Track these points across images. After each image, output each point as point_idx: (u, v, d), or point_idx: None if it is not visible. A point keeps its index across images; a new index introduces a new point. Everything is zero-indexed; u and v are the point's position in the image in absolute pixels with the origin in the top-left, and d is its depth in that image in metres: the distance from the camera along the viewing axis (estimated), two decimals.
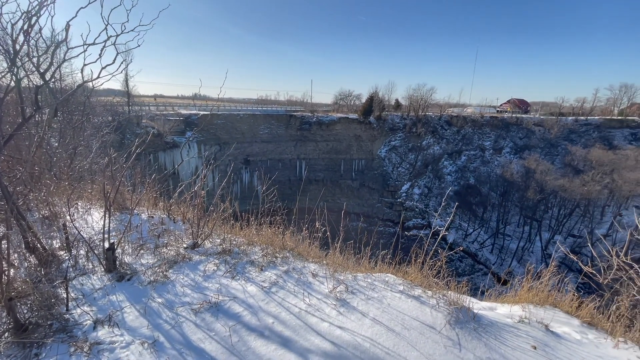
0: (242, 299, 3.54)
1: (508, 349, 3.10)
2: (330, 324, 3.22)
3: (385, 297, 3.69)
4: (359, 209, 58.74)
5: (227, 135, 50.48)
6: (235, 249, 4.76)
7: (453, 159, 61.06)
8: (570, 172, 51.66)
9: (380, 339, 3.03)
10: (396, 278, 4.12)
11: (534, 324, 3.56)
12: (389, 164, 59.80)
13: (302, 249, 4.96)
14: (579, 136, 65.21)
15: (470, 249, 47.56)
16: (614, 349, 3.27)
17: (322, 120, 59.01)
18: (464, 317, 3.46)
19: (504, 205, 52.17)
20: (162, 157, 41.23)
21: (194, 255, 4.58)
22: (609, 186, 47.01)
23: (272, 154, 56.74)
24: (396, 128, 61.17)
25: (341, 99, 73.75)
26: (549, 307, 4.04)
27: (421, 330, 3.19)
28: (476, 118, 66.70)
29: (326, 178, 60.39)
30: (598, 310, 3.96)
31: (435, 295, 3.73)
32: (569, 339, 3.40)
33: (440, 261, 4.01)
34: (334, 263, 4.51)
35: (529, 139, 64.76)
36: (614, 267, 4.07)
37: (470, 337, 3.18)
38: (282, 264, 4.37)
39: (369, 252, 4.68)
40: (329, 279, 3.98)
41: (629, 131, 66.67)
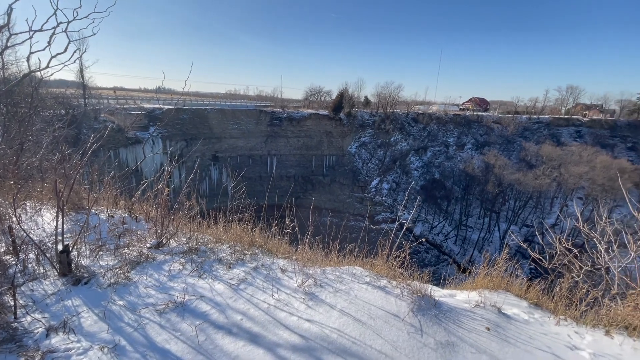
0: (209, 297, 3.49)
1: (465, 332, 3.33)
2: (299, 317, 3.27)
3: (353, 289, 3.80)
4: (330, 205, 59.30)
5: (195, 131, 48.67)
6: (202, 247, 4.66)
7: (419, 155, 63.40)
8: (525, 166, 55.65)
9: (347, 330, 3.13)
10: (363, 270, 4.26)
11: (488, 307, 3.84)
12: (359, 160, 60.85)
13: (271, 245, 4.96)
14: (532, 133, 70.31)
15: (436, 240, 49.86)
16: (556, 325, 3.62)
17: (293, 116, 58.69)
18: (426, 304, 3.66)
19: (466, 198, 55.15)
20: (124, 153, 38.93)
21: (159, 254, 4.43)
22: (557, 179, 51.27)
23: (242, 150, 55.58)
24: (366, 125, 62.31)
25: (312, 95, 73.75)
26: (501, 291, 4.37)
27: (386, 318, 3.33)
28: (441, 115, 69.64)
29: (297, 174, 60.30)
30: (543, 292, 4.36)
31: (399, 285, 3.91)
32: (518, 319, 3.72)
33: (404, 252, 4.19)
34: (303, 258, 4.56)
35: (489, 136, 68.75)
36: (557, 253, 4.50)
37: (432, 323, 3.38)
38: (250, 260, 4.35)
39: (337, 246, 4.78)
40: (298, 273, 4.02)
41: (574, 129, 73.04)
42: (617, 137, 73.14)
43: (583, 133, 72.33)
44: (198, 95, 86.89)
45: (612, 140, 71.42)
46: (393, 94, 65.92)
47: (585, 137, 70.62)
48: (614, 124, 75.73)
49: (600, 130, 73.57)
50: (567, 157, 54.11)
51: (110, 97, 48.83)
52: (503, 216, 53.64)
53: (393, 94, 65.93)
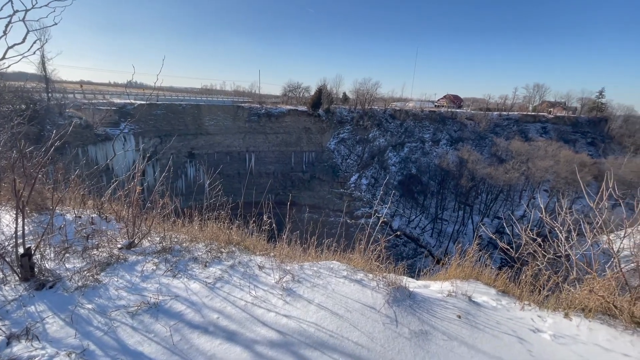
0: (184, 297, 3.42)
1: (437, 320, 3.46)
2: (277, 313, 3.27)
3: (330, 283, 3.85)
4: (310, 201, 59.31)
5: (169, 127, 47.03)
6: (177, 246, 4.55)
7: (397, 151, 64.63)
8: (496, 161, 58.16)
9: (324, 323, 3.17)
10: (340, 264, 4.32)
11: (460, 296, 4.01)
12: (338, 156, 61.20)
13: (249, 243, 4.92)
14: (502, 129, 73.48)
15: (413, 234, 51.23)
16: (521, 311, 3.84)
17: (272, 112, 58.02)
18: (401, 295, 3.77)
19: (441, 192, 56.94)
20: (93, 151, 37.03)
21: (130, 255, 4.28)
22: (525, 173, 54.00)
23: (219, 147, 54.37)
24: (344, 121, 62.67)
25: (290, 91, 73.09)
26: (472, 280, 4.58)
27: (362, 311, 3.40)
28: (417, 112, 71.25)
29: (277, 171, 59.84)
30: (510, 279, 4.60)
31: (375, 278, 4.00)
32: (487, 306, 3.91)
33: (380, 246, 4.29)
34: (281, 255, 4.56)
35: (462, 132, 71.16)
36: (523, 243, 4.76)
37: (406, 313, 3.49)
38: (227, 258, 4.30)
39: (315, 242, 4.81)
40: (276, 270, 4.02)
41: (540, 125, 77.08)
42: (579, 132, 77.94)
43: (548, 129, 76.47)
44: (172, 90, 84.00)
45: (574, 135, 76.01)
46: (371, 90, 66.67)
47: (550, 133, 74.73)
48: (576, 121, 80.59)
49: (563, 126, 78.10)
50: (534, 151, 57.07)
51: (77, 91, 46.09)
52: (476, 209, 55.89)
53: (371, 91, 66.68)
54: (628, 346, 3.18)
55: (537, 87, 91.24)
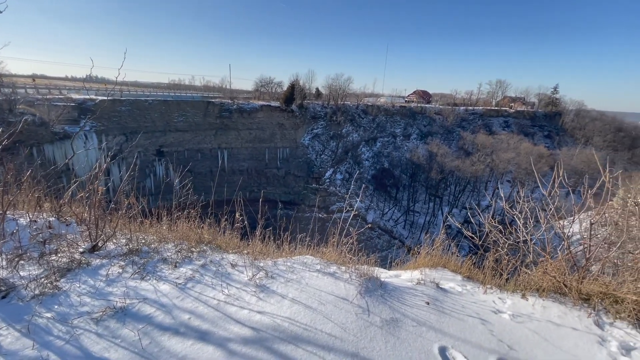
0: (153, 299, 3.31)
1: (407, 308, 3.61)
2: (250, 310, 3.26)
3: (304, 278, 3.89)
4: (285, 197, 59.08)
5: (135, 124, 44.74)
6: (145, 247, 4.38)
7: (369, 146, 65.74)
8: (463, 154, 60.80)
9: (298, 317, 3.21)
10: (314, 259, 4.37)
11: (428, 283, 4.20)
12: (312, 152, 61.24)
13: (221, 241, 4.83)
14: (468, 123, 76.85)
15: (387, 226, 52.55)
16: (484, 294, 4.09)
17: (244, 107, 56.79)
18: (372, 286, 3.89)
19: (413, 185, 58.77)
20: (50, 150, 34.51)
21: (94, 259, 4.06)
22: (490, 165, 56.97)
23: (190, 144, 52.54)
24: (318, 116, 62.71)
25: (262, 86, 71.83)
26: (440, 268, 4.81)
27: (335, 303, 3.48)
28: (388, 107, 72.74)
29: (251, 167, 58.86)
30: (475, 265, 4.88)
31: (348, 270, 4.09)
32: (453, 292, 4.13)
33: (352, 239, 4.38)
34: (254, 252, 4.53)
35: (432, 126, 73.63)
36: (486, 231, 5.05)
37: (378, 303, 3.60)
38: (198, 258, 4.21)
39: (289, 238, 4.82)
40: (249, 267, 3.99)
41: (503, 119, 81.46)
42: (537, 126, 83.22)
43: (510, 123, 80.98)
44: (137, 86, 79.82)
45: (532, 129, 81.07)
46: (343, 86, 67.11)
47: (512, 127, 79.20)
48: (534, 115, 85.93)
49: (523, 120, 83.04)
50: (498, 144, 60.29)
51: (29, 85, 42.58)
52: (446, 200, 58.26)
53: (343, 86, 67.13)
54: (576, 321, 3.49)
55: (499, 83, 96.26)
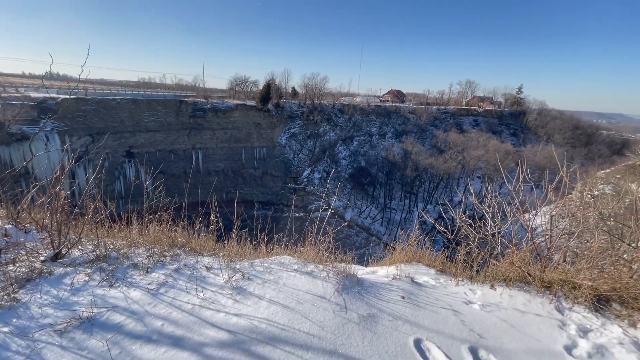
0: (123, 307, 3.18)
1: (383, 303, 3.69)
2: (227, 313, 3.21)
3: (281, 278, 3.87)
4: (263, 197, 58.43)
5: (102, 124, 42.48)
6: (114, 253, 4.19)
7: (346, 145, 66.36)
8: (436, 152, 62.84)
9: (276, 318, 3.19)
10: (291, 258, 4.36)
11: (403, 278, 4.31)
12: (289, 151, 60.93)
13: (195, 244, 4.71)
14: (441, 122, 79.47)
15: (365, 224, 53.33)
16: (456, 286, 4.26)
17: (218, 107, 55.47)
18: (350, 283, 3.94)
19: (389, 183, 60.00)
20: (6, 152, 32.11)
21: (57, 267, 3.83)
22: (461, 162, 59.25)
23: (162, 145, 50.63)
24: (294, 116, 62.48)
25: (237, 85, 70.49)
26: (415, 263, 4.95)
27: (313, 301, 3.49)
28: (364, 107, 73.77)
29: (227, 168, 57.66)
30: (448, 259, 5.06)
31: (325, 269, 4.11)
32: (427, 285, 4.27)
33: (328, 237, 4.41)
34: (230, 254, 4.46)
35: (406, 125, 75.46)
36: (458, 225, 5.25)
37: (355, 299, 3.65)
38: (172, 262, 4.07)
39: (265, 238, 4.78)
40: (225, 269, 3.92)
41: (473, 118, 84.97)
42: (504, 124, 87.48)
43: (479, 121, 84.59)
44: (104, 84, 75.96)
45: (499, 127, 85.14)
46: (319, 85, 67.21)
47: (481, 125, 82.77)
48: (501, 114, 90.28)
49: (491, 119, 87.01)
50: (468, 142, 62.80)
51: None
52: (420, 197, 59.97)
53: (319, 86, 67.23)
54: (539, 307, 3.71)
55: (468, 83, 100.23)
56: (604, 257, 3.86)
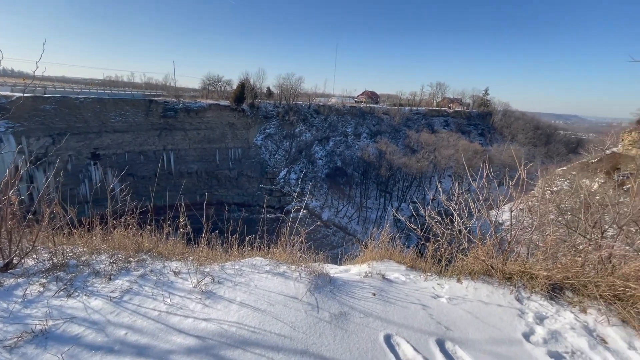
0: (82, 317, 3.00)
1: (355, 300, 3.74)
2: (195, 318, 3.12)
3: (253, 280, 3.82)
4: (238, 199, 57.41)
5: (64, 124, 39.87)
6: (73, 261, 3.95)
7: (322, 145, 66.65)
8: (409, 152, 64.61)
9: (246, 321, 3.14)
10: (263, 260, 4.31)
11: (375, 275, 4.39)
12: (265, 152, 60.27)
13: (163, 248, 4.55)
14: (413, 123, 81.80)
15: (342, 223, 53.81)
16: (425, 281, 4.40)
17: (190, 106, 53.82)
18: (322, 282, 3.96)
19: (364, 182, 60.93)
20: None
21: (7, 279, 3.56)
22: (433, 161, 61.29)
23: (131, 146, 48.35)
24: (270, 116, 61.90)
25: (210, 84, 68.74)
26: (386, 260, 5.06)
27: (285, 302, 3.48)
28: (339, 107, 74.45)
29: (200, 169, 56.07)
30: (418, 255, 5.22)
31: (298, 269, 4.11)
32: (398, 281, 4.37)
33: (301, 237, 4.41)
34: (200, 257, 4.34)
35: (380, 126, 76.96)
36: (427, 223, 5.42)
37: (327, 298, 3.68)
38: (137, 268, 3.91)
39: (237, 240, 4.70)
40: (194, 273, 3.81)
41: (443, 119, 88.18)
42: (472, 125, 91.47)
43: (449, 122, 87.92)
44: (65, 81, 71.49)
45: (468, 127, 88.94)
46: (295, 85, 67.01)
47: (451, 126, 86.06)
48: (469, 115, 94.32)
49: (460, 119, 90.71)
50: (439, 142, 65.11)
51: None
52: (395, 196, 61.37)
53: (295, 86, 67.03)
54: (501, 298, 3.92)
55: (439, 85, 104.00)
56: (557, 248, 4.14)
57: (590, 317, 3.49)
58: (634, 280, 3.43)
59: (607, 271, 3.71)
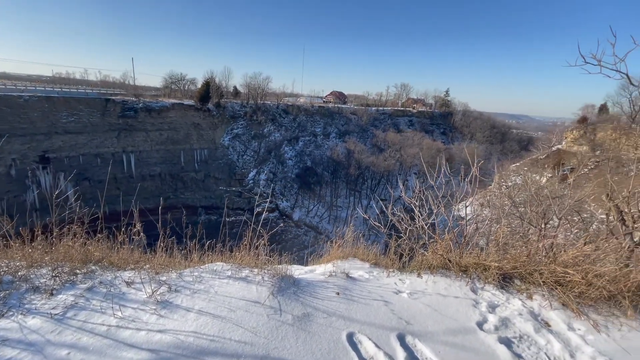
0: (17, 339, 2.72)
1: (319, 301, 3.73)
2: (149, 330, 2.95)
3: (213, 286, 3.69)
4: (206, 202, 55.59)
5: (5, 125, 36.17)
6: (7, 277, 3.57)
7: (292, 145, 66.39)
8: (377, 151, 66.23)
9: (205, 329, 3.02)
10: (225, 265, 4.18)
11: (339, 274, 4.42)
12: (233, 153, 58.87)
13: (115, 258, 4.26)
14: (380, 122, 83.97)
15: (312, 222, 53.96)
16: (387, 278, 4.50)
17: (152, 106, 51.17)
18: (286, 284, 3.91)
19: (334, 181, 61.57)
20: None
21: None
22: (399, 160, 63.34)
23: (86, 148, 44.98)
24: (237, 116, 60.54)
25: (172, 83, 65.81)
26: (351, 258, 5.11)
27: (247, 307, 3.39)
28: (308, 107, 74.59)
29: (164, 172, 53.51)
30: (381, 252, 5.33)
31: (261, 272, 4.03)
32: (361, 279, 4.44)
33: (263, 239, 4.34)
34: (156, 265, 4.12)
35: (348, 126, 78.15)
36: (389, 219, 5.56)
37: (290, 301, 3.64)
38: (84, 280, 3.62)
39: (197, 245, 4.52)
40: (149, 283, 3.60)
41: (408, 118, 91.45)
42: (435, 124, 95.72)
43: (414, 122, 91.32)
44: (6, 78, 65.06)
45: (431, 127, 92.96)
46: (262, 85, 66.07)
47: (415, 125, 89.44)
48: (432, 115, 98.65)
49: (424, 119, 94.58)
50: (405, 141, 67.41)
51: None
52: (364, 194, 62.62)
53: (262, 85, 66.09)
54: (458, 290, 4.10)
55: (403, 85, 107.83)
56: (507, 240, 4.42)
57: (535, 303, 3.76)
58: (572, 266, 3.74)
59: (549, 259, 4.02)
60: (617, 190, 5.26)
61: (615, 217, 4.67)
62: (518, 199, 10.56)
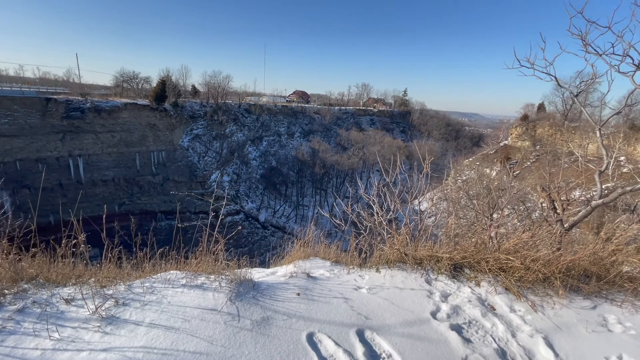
0: None
1: (279, 303, 3.69)
2: (92, 350, 2.72)
3: (166, 296, 3.50)
4: (165, 206, 52.82)
5: None
6: None
7: (256, 145, 65.24)
8: (341, 149, 67.26)
9: (156, 343, 2.86)
10: (179, 273, 3.99)
11: (300, 275, 4.41)
12: (193, 154, 56.53)
13: (53, 273, 3.87)
14: (343, 122, 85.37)
15: (279, 223, 53.48)
16: (347, 275, 4.57)
17: (101, 106, 47.45)
18: (244, 289, 3.82)
19: (300, 181, 61.57)
20: None
21: None
22: (362, 158, 64.84)
23: (24, 153, 40.62)
24: (197, 116, 58.19)
25: (124, 82, 61.51)
26: (312, 257, 5.12)
27: (202, 316, 3.26)
28: (271, 107, 73.74)
29: (118, 176, 49.91)
30: (341, 249, 5.41)
31: (218, 278, 3.90)
32: (322, 278, 4.46)
33: (219, 244, 4.20)
34: (102, 278, 3.81)
35: (312, 125, 78.48)
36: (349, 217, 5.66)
37: (249, 305, 3.56)
38: (14, 301, 3.25)
39: (148, 253, 4.26)
40: (92, 298, 3.33)
41: (369, 117, 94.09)
42: (394, 123, 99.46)
43: (375, 121, 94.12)
44: None
45: (391, 125, 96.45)
46: (223, 84, 64.09)
47: (377, 124, 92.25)
48: (392, 114, 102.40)
49: (384, 118, 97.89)
50: (367, 139, 69.25)
51: None
52: (330, 192, 63.28)
53: (223, 84, 64.11)
54: (414, 282, 4.28)
55: (364, 85, 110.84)
56: (456, 231, 4.69)
57: (482, 289, 4.03)
58: (513, 253, 4.06)
59: (494, 247, 4.33)
60: (551, 181, 5.81)
61: (548, 205, 5.16)
62: (471, 192, 11.35)
